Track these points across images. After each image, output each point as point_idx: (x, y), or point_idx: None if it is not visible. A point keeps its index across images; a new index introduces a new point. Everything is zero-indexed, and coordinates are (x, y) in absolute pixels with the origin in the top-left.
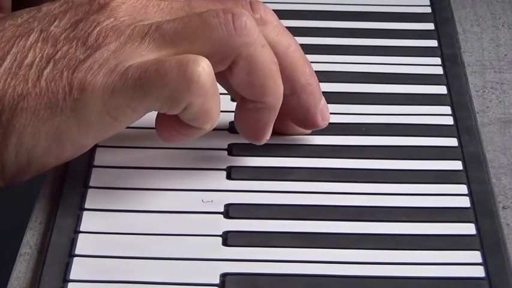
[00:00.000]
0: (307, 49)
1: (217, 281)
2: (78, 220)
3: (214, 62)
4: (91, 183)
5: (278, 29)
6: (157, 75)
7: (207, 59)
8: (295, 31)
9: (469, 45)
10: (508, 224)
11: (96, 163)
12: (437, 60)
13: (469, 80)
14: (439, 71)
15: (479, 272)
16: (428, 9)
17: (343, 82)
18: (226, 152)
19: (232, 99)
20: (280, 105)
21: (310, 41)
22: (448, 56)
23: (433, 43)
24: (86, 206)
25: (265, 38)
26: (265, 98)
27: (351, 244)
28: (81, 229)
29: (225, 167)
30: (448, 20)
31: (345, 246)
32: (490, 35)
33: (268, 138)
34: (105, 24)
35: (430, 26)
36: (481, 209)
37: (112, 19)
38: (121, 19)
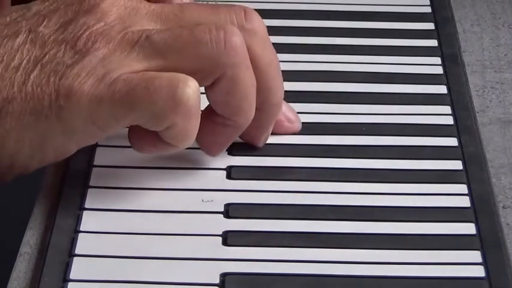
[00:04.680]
0: (307, 49)
1: (217, 280)
2: (78, 220)
3: (199, 79)
4: (91, 183)
5: (265, 42)
6: (146, 92)
7: (196, 81)
8: (295, 31)
9: (469, 45)
10: (508, 224)
11: (96, 163)
12: (437, 60)
13: (469, 80)
14: (439, 70)
15: (479, 272)
16: (428, 9)
17: (343, 82)
18: (226, 152)
19: None
20: (247, 126)
21: (311, 41)
22: (448, 56)
23: (433, 43)
24: (86, 206)
25: (251, 49)
26: (237, 118)
27: (351, 244)
28: (81, 229)
29: (225, 167)
30: (448, 19)
31: (345, 246)
32: (490, 34)
33: (221, 153)
34: (94, 28)
35: (430, 25)
36: (481, 209)
37: (102, 23)
38: (111, 24)
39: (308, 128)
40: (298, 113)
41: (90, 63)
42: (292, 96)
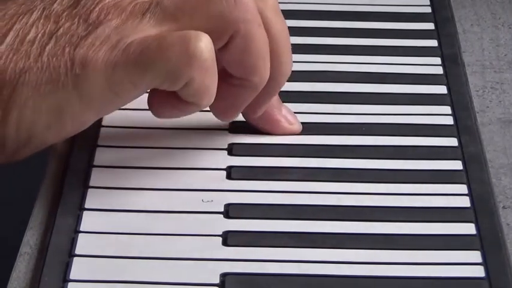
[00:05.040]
0: (307, 49)
1: (217, 281)
2: (78, 220)
3: (213, 39)
4: (91, 183)
5: (275, 8)
6: (159, 50)
7: (208, 35)
8: (295, 31)
9: (469, 45)
10: (508, 224)
11: (96, 163)
12: (437, 60)
13: (469, 80)
14: (439, 71)
15: (479, 272)
16: (428, 9)
17: (343, 82)
18: (226, 152)
19: None
20: (262, 87)
21: (310, 41)
22: (448, 56)
23: (433, 43)
24: (86, 206)
25: (262, 14)
26: (253, 77)
27: (351, 244)
28: (81, 229)
29: (225, 167)
30: (448, 19)
31: (345, 246)
32: (490, 35)
33: (236, 118)
34: (106, 1)
35: (430, 25)
36: (481, 209)
37: None
38: None
39: (308, 129)
40: (299, 113)
41: (103, 32)
42: (294, 96)
